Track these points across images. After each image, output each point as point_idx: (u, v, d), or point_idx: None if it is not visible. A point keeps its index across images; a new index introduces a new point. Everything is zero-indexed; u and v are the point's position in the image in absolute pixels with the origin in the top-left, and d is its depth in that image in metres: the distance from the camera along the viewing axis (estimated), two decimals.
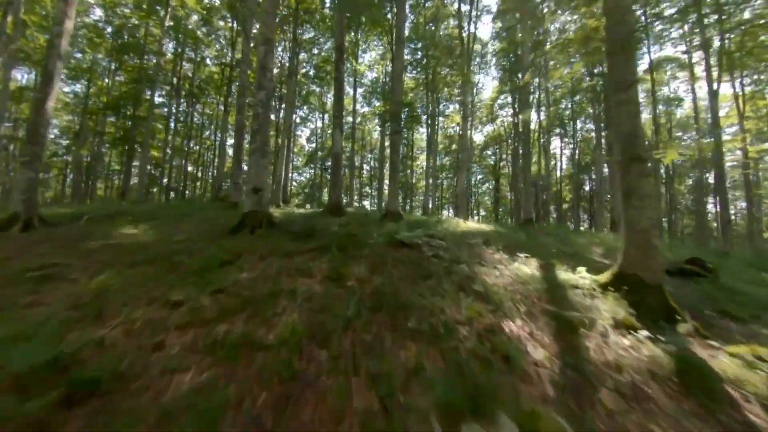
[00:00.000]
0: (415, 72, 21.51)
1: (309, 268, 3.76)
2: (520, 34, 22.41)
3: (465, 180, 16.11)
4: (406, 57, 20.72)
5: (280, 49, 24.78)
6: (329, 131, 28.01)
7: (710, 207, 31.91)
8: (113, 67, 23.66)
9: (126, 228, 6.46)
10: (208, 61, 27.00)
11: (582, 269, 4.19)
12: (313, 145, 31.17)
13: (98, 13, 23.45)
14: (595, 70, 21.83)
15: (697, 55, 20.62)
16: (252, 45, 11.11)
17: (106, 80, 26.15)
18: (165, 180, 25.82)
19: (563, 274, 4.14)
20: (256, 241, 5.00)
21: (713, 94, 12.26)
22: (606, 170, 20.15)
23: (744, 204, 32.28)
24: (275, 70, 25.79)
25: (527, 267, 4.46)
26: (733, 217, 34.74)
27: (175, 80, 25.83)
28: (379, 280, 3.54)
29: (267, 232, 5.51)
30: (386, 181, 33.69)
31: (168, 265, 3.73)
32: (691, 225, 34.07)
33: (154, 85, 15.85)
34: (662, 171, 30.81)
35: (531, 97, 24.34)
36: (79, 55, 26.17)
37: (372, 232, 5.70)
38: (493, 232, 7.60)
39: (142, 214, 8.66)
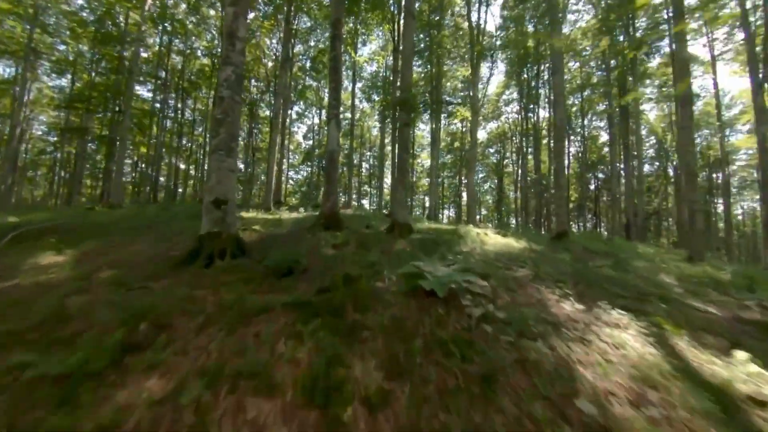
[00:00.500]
0: (418, 63, 19.65)
1: (273, 363, 2.03)
2: (530, 27, 20.60)
3: (474, 179, 14.39)
4: None
5: (274, 41, 22.91)
6: (326, 128, 26.22)
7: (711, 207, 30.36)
8: (96, 58, 21.60)
9: (47, 255, 4.69)
10: (199, 53, 25.02)
11: (744, 357, 2.46)
12: (310, 142, 29.31)
13: (79, 1, 21.42)
14: (612, 62, 20.05)
15: (717, 48, 18.93)
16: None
17: (93, 74, 24.14)
18: (157, 178, 23.93)
19: (713, 366, 2.41)
20: (207, 283, 3.26)
21: (759, 87, 10.56)
22: (621, 168, 18.43)
23: (755, 205, 30.79)
24: (269, 63, 23.91)
25: (631, 336, 2.74)
26: (740, 217, 33.29)
27: (163, 73, 23.93)
28: (404, 400, 1.81)
29: (229, 265, 3.75)
30: (386, 180, 31.92)
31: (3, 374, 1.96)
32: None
33: (132, 75, 13.95)
34: (670, 170, 29.20)
35: (541, 92, 22.60)
36: (62, 47, 24.22)
37: (381, 264, 3.96)
38: (529, 252, 5.88)
39: (93, 228, 6.88)
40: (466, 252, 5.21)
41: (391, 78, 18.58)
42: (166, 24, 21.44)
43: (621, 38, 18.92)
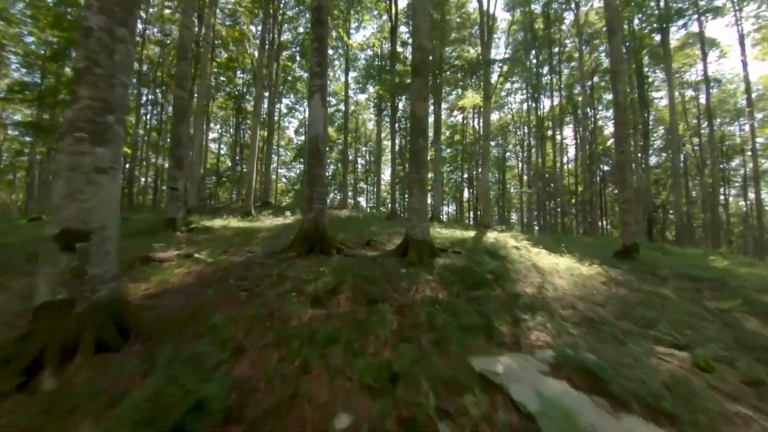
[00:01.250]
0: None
1: None
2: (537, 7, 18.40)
3: (488, 175, 12.28)
4: (402, 33, 16.59)
5: (261, 28, 20.47)
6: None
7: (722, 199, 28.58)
8: (57, 49, 19.07)
9: None
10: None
11: None
12: (303, 138, 26.94)
13: None
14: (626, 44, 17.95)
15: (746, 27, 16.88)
16: None
17: (62, 65, 21.54)
18: (131, 180, 21.44)
19: None
20: None
21: None
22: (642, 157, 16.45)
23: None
24: (255, 53, 21.42)
25: None
26: (744, 208, 31.56)
27: (143, 66, 21.44)
28: None
29: (69, 393, 1.60)
30: (384, 176, 29.66)
31: None
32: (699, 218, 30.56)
33: None
34: (681, 161, 27.27)
35: (547, 78, 20.45)
36: (30, 39, 21.62)
37: (412, 374, 1.83)
38: (616, 285, 3.80)
39: None
40: (532, 295, 3.10)
41: (388, 66, 16.34)
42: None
43: (637, 21, 16.85)
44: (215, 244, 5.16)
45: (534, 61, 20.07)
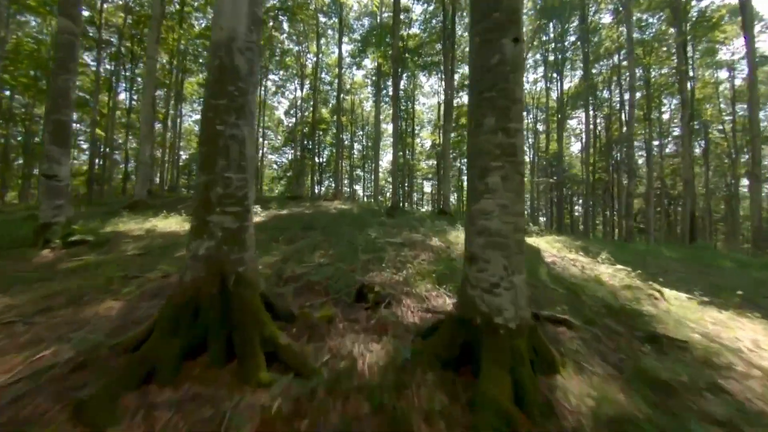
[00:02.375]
0: (423, 13, 14.14)
1: None
2: None
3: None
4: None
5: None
6: (311, 102, 20.75)
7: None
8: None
9: None
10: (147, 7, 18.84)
11: None
12: (293, 120, 23.77)
13: None
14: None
15: None
16: None
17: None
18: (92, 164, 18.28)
19: None
20: None
21: None
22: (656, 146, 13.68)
23: None
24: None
25: None
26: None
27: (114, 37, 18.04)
28: None
29: None
30: (382, 163, 26.61)
31: None
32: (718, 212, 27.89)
33: None
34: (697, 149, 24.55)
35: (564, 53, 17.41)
36: None
37: None
38: None
39: None
40: None
41: (391, 30, 13.25)
42: None
43: None
44: (67, 284, 2.36)
45: (557, 29, 16.97)
